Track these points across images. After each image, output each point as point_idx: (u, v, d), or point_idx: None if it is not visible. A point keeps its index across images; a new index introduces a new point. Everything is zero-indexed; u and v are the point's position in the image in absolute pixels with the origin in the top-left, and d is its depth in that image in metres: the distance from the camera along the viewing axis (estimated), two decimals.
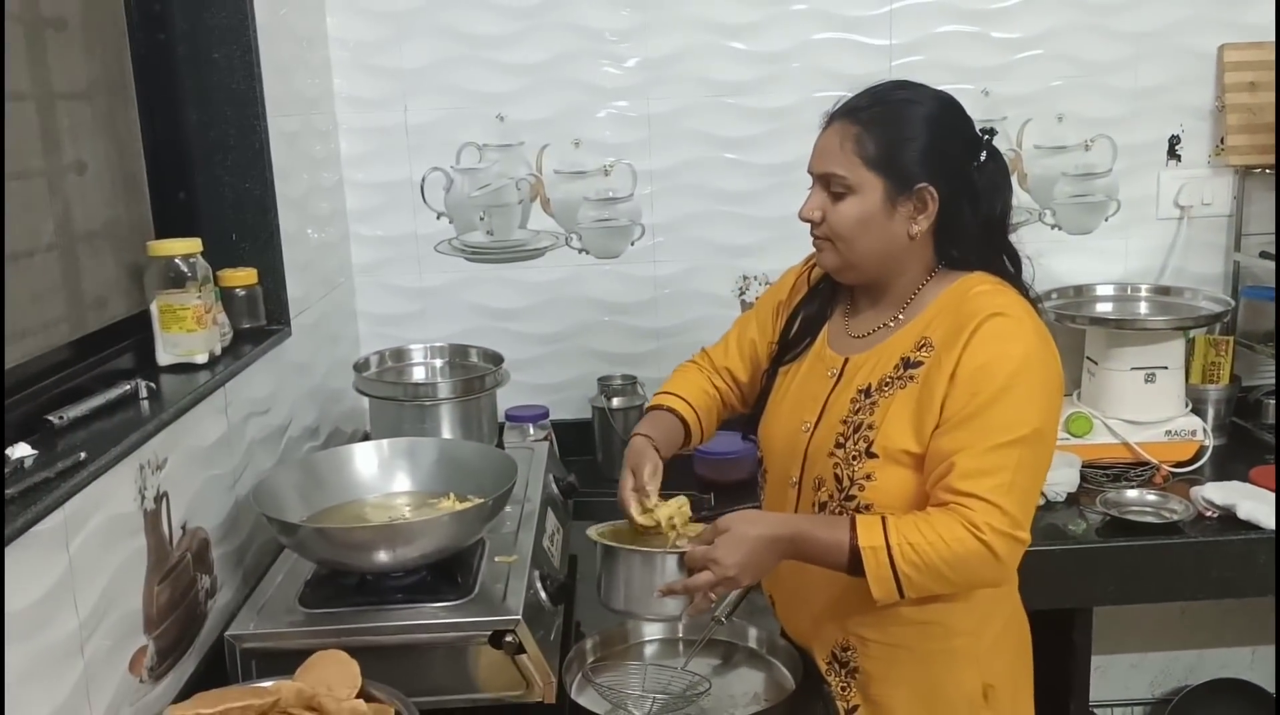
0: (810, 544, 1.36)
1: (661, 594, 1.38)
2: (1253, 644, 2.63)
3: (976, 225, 1.43)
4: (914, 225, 1.41)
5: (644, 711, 1.41)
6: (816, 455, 1.46)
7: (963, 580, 1.35)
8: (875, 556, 1.31)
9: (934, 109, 1.41)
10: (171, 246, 1.57)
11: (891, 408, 1.40)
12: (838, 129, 1.41)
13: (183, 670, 1.42)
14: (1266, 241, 2.45)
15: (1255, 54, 2.39)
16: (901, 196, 1.39)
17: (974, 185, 1.42)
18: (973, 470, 1.31)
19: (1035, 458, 1.35)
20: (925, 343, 1.41)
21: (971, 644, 1.46)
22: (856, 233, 1.40)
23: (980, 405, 1.33)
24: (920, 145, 1.39)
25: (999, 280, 1.43)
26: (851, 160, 1.39)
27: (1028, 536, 1.34)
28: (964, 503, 1.30)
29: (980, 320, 1.36)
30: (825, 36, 2.39)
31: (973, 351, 1.35)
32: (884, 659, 1.47)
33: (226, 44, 1.80)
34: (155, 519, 1.36)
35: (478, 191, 2.43)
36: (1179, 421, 2.25)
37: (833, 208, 1.41)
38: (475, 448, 1.75)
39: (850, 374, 1.47)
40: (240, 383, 1.68)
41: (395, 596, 1.44)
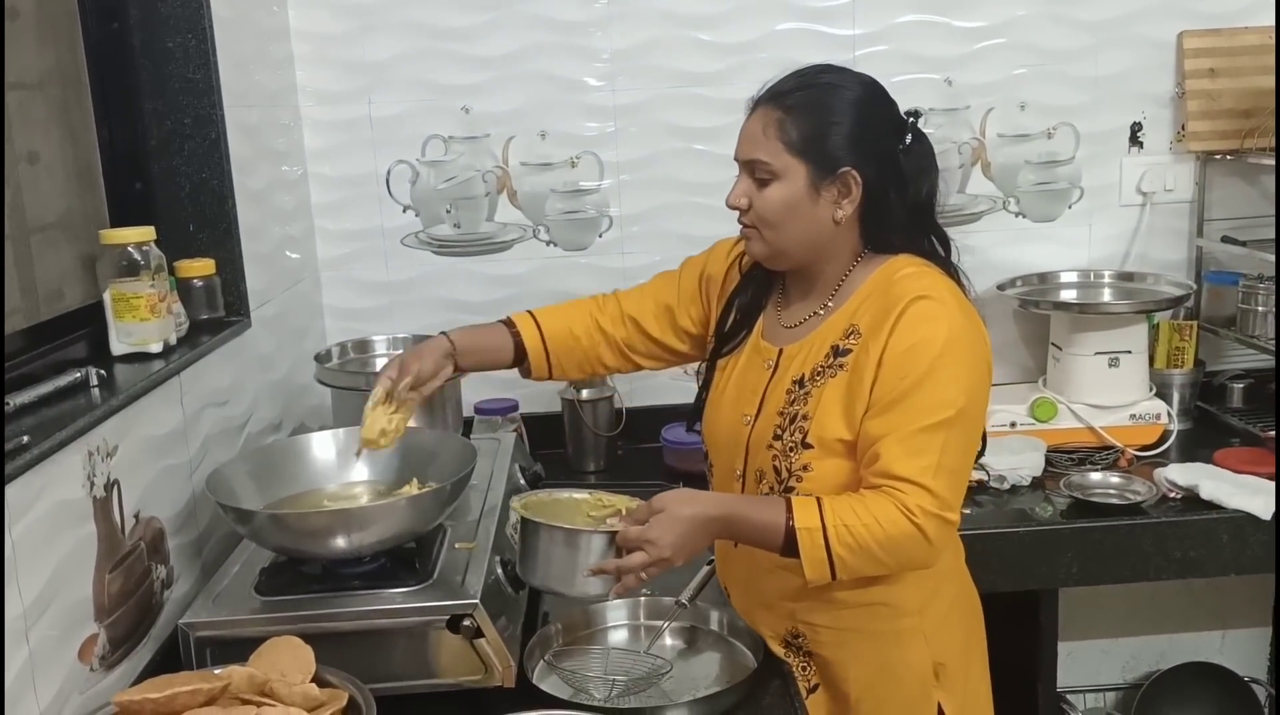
0: (745, 524, 1.35)
1: (591, 572, 1.34)
2: (1223, 628, 2.65)
3: (903, 209, 1.42)
4: (839, 210, 1.40)
5: (605, 695, 1.40)
6: (757, 447, 1.46)
7: (894, 562, 1.35)
8: (810, 537, 1.30)
9: (858, 93, 1.40)
10: (124, 234, 1.56)
11: (824, 397, 1.40)
12: (761, 115, 1.40)
13: (138, 659, 1.41)
14: (1228, 227, 2.47)
15: (1214, 41, 2.41)
16: (825, 181, 1.38)
17: (899, 169, 1.41)
18: (900, 453, 1.31)
19: (962, 437, 1.35)
20: (853, 330, 1.40)
21: (918, 623, 1.46)
22: (782, 218, 1.40)
23: (906, 389, 1.33)
24: (844, 130, 1.38)
25: (924, 262, 1.43)
26: (774, 146, 1.38)
27: (957, 517, 1.34)
28: (895, 486, 1.31)
29: (905, 304, 1.35)
30: (789, 27, 2.40)
31: (898, 336, 1.35)
32: (835, 643, 1.47)
33: (181, 33, 1.79)
34: (105, 506, 1.35)
35: (444, 184, 2.43)
36: (1143, 405, 2.26)
37: (758, 194, 1.40)
38: (434, 435, 1.74)
39: (785, 365, 1.47)
40: (197, 373, 1.66)
41: (352, 583, 1.43)
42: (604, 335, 1.65)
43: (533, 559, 1.39)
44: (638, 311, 1.65)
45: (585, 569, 1.35)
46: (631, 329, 1.65)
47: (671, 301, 1.64)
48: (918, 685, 1.47)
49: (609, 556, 1.35)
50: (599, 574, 1.35)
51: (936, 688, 1.47)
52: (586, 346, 1.65)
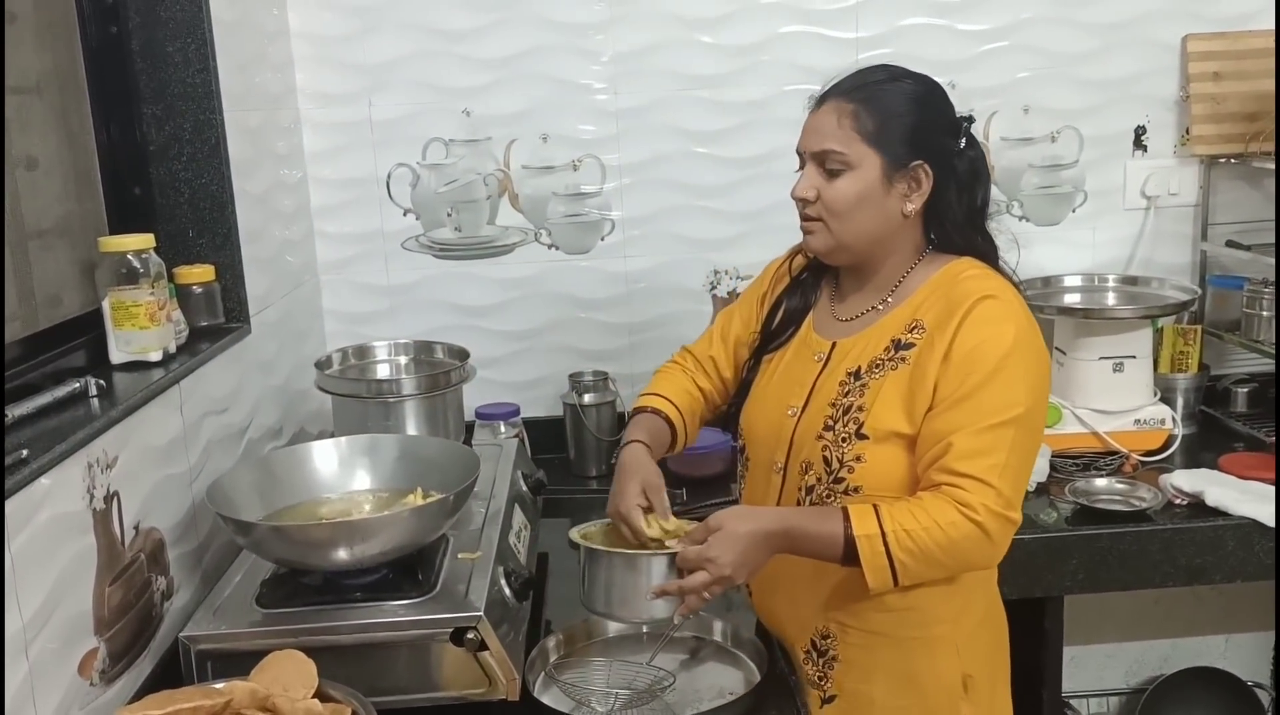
0: (804, 537, 1.35)
1: (655, 595, 1.36)
2: (1226, 632, 2.64)
3: (962, 209, 1.44)
4: (908, 203, 1.41)
5: (607, 708, 1.39)
6: (804, 439, 1.46)
7: (956, 564, 1.35)
8: (871, 545, 1.30)
9: (921, 89, 1.43)
10: (123, 242, 1.54)
11: (883, 389, 1.40)
12: (833, 107, 1.41)
13: (137, 673, 1.40)
14: (1232, 231, 2.46)
15: (1219, 44, 2.39)
16: (898, 173, 1.40)
17: (957, 169, 1.43)
18: (968, 451, 1.31)
19: (1027, 438, 1.36)
20: (917, 325, 1.41)
21: (951, 631, 1.45)
22: (853, 210, 1.40)
23: (974, 386, 1.33)
24: (911, 122, 1.40)
25: (986, 266, 1.45)
26: (850, 136, 1.39)
27: (1019, 517, 1.34)
28: (958, 483, 1.31)
29: (973, 302, 1.36)
30: (793, 29, 2.38)
31: (966, 333, 1.35)
32: (863, 646, 1.46)
33: (181, 38, 1.77)
34: (105, 518, 1.34)
35: (445, 187, 2.41)
36: (1147, 410, 2.25)
37: (828, 185, 1.41)
38: (438, 443, 1.73)
39: (838, 358, 1.47)
40: (197, 381, 1.65)
41: (354, 595, 1.42)
42: (700, 391, 1.67)
43: (595, 586, 1.40)
44: (714, 353, 1.67)
45: (649, 592, 1.36)
46: (713, 372, 1.67)
47: (739, 330, 1.65)
48: (944, 697, 1.46)
49: (670, 578, 1.35)
50: (662, 596, 1.36)
51: (964, 700, 1.46)
52: (701, 404, 1.67)
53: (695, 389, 1.67)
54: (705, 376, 1.67)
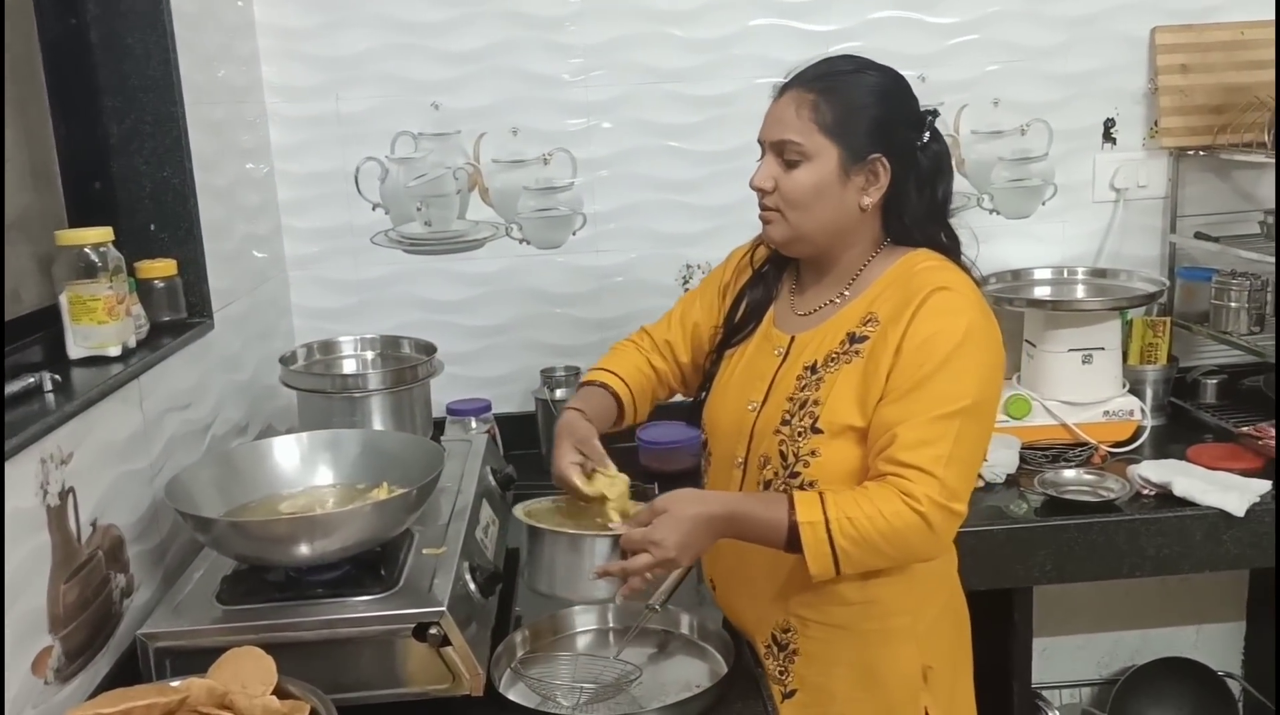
0: (748, 522, 1.35)
1: (597, 575, 1.36)
2: (1197, 623, 2.65)
3: (923, 204, 1.44)
4: (865, 197, 1.41)
5: (573, 703, 1.38)
6: (762, 433, 1.46)
7: (899, 554, 1.35)
8: (814, 532, 1.30)
9: (885, 82, 1.43)
10: (81, 235, 1.52)
11: (837, 383, 1.40)
12: (793, 97, 1.41)
13: (95, 671, 1.38)
14: (1200, 222, 2.48)
15: (1186, 37, 2.40)
16: (855, 166, 1.39)
17: (919, 162, 1.43)
18: (914, 441, 1.31)
19: (975, 429, 1.36)
20: (871, 318, 1.41)
21: (910, 623, 1.45)
22: (809, 201, 1.40)
23: (922, 377, 1.33)
24: (872, 114, 1.39)
25: (943, 257, 1.44)
26: (808, 127, 1.38)
27: (964, 509, 1.34)
28: (902, 473, 1.31)
29: (926, 294, 1.36)
30: (763, 23, 2.38)
31: (919, 324, 1.35)
32: (823, 639, 1.46)
33: (140, 29, 1.75)
34: (60, 515, 1.32)
35: (414, 181, 2.40)
36: (1116, 402, 2.26)
37: (786, 176, 1.41)
38: (401, 438, 1.71)
39: (797, 352, 1.47)
40: (157, 376, 1.63)
41: (316, 591, 1.40)
42: (654, 369, 1.66)
43: (538, 565, 1.40)
44: (670, 338, 1.66)
45: (591, 572, 1.35)
46: (669, 356, 1.66)
47: (699, 317, 1.65)
48: (904, 689, 1.46)
49: (614, 559, 1.35)
50: (604, 576, 1.35)
51: (924, 691, 1.46)
52: (653, 383, 1.66)
53: (649, 368, 1.66)
54: (661, 358, 1.67)
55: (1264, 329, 2.28)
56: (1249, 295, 2.27)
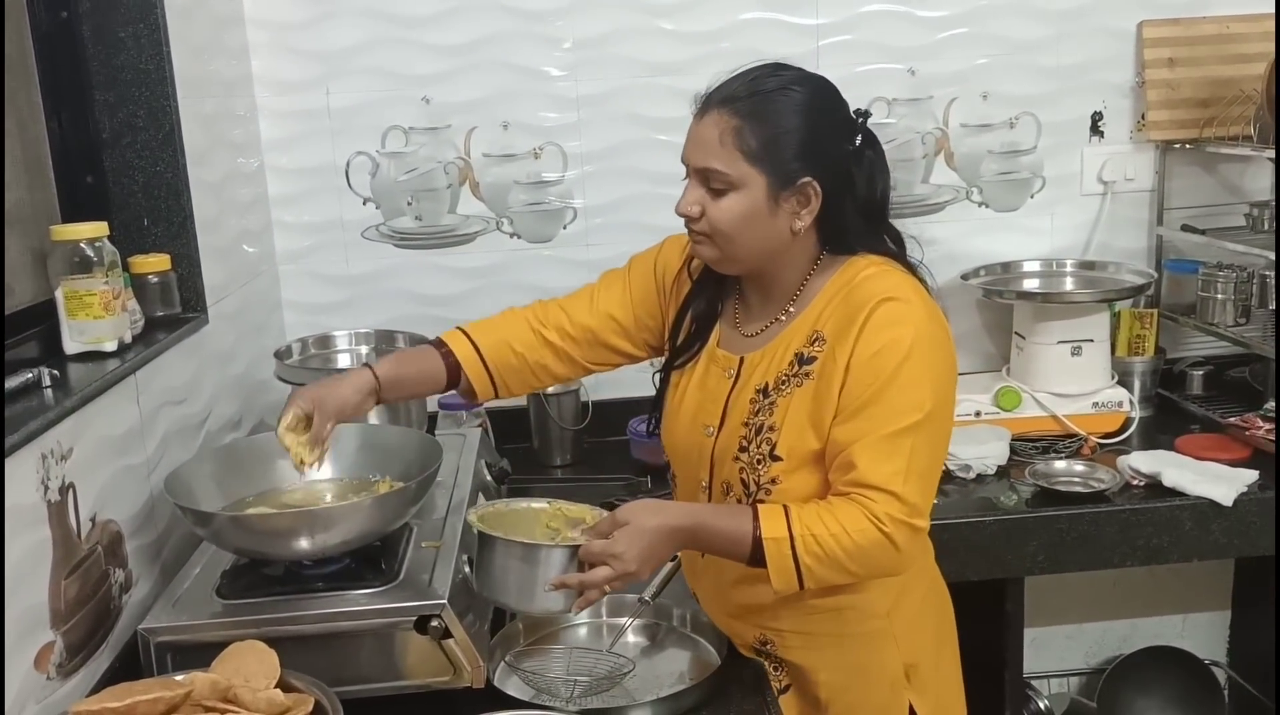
0: (711, 534, 1.32)
1: (553, 587, 1.30)
2: (1184, 612, 2.69)
3: (857, 212, 1.38)
4: (797, 220, 1.35)
5: (567, 695, 1.39)
6: (722, 459, 1.44)
7: (863, 571, 1.33)
8: (778, 547, 1.28)
9: (809, 96, 1.34)
10: (76, 230, 1.52)
11: (791, 407, 1.37)
12: (715, 120, 1.33)
13: (96, 666, 1.38)
14: (1187, 215, 2.50)
15: (1173, 30, 2.42)
16: (785, 192, 1.33)
17: (852, 173, 1.37)
18: (869, 460, 1.28)
19: (931, 440, 1.33)
20: (818, 337, 1.37)
21: (887, 625, 1.45)
22: (738, 229, 1.34)
23: (873, 394, 1.30)
24: (800, 137, 1.32)
25: (884, 260, 1.39)
26: (732, 155, 1.31)
27: (926, 524, 1.32)
28: (864, 494, 1.28)
29: (871, 308, 1.32)
30: (753, 16, 2.38)
31: (865, 340, 1.31)
32: (804, 647, 1.46)
33: (132, 22, 1.74)
34: (61, 510, 1.31)
35: (405, 176, 2.39)
36: (1105, 393, 2.28)
37: (713, 203, 1.34)
38: (399, 432, 1.71)
39: (747, 373, 1.43)
40: (153, 371, 1.63)
41: (316, 585, 1.41)
42: (549, 346, 1.56)
43: (489, 573, 1.34)
44: (589, 319, 1.57)
45: (546, 583, 1.30)
46: (583, 337, 1.57)
47: (624, 306, 1.57)
48: (888, 688, 1.46)
49: (571, 570, 1.31)
50: (560, 588, 1.30)
51: (908, 689, 1.47)
52: (532, 361, 1.56)
53: (537, 344, 1.56)
54: (565, 337, 1.56)
55: (1249, 321, 2.31)
56: (1235, 287, 2.29)
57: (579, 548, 1.30)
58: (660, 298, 1.58)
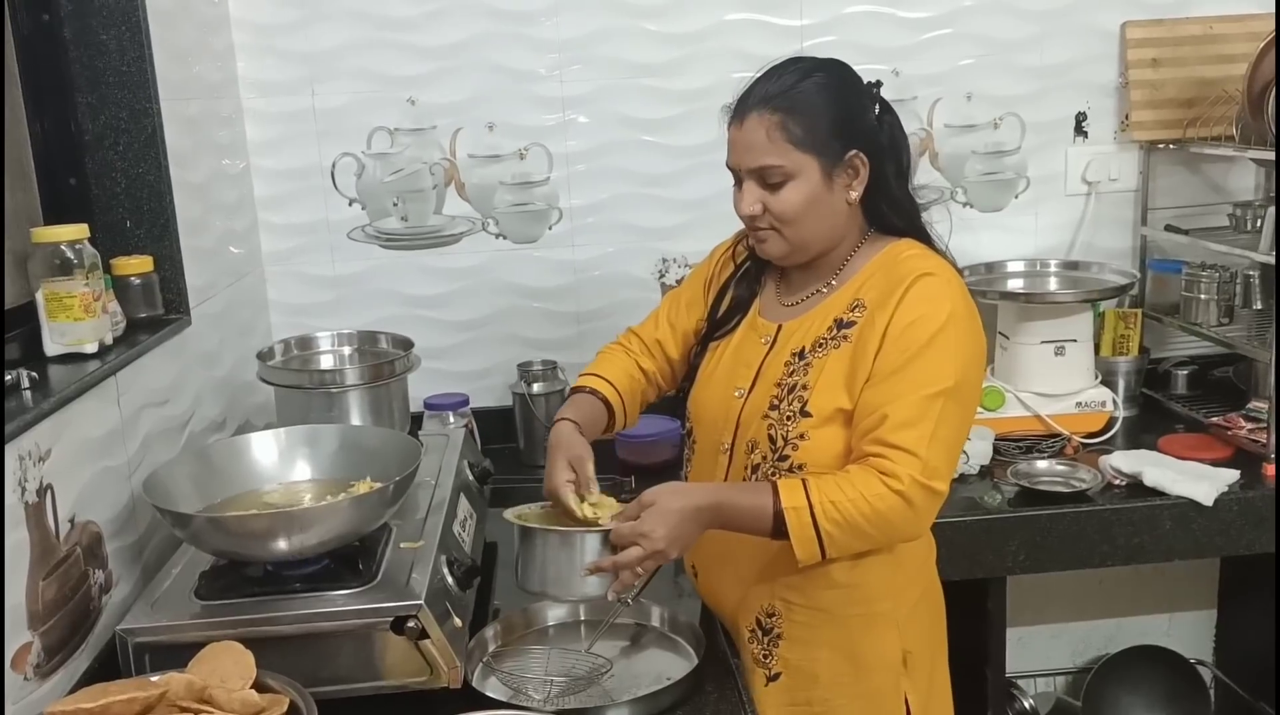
0: (734, 511, 1.38)
1: (589, 572, 1.37)
2: (1169, 611, 2.70)
3: (900, 183, 1.47)
4: (851, 192, 1.44)
5: (544, 695, 1.39)
6: (750, 419, 1.48)
7: (882, 535, 1.38)
8: (798, 517, 1.33)
9: (832, 78, 1.45)
10: (56, 233, 1.52)
11: (826, 367, 1.43)
12: (757, 121, 1.41)
13: (74, 667, 1.38)
14: (1171, 215, 2.51)
15: (1157, 31, 2.43)
16: (836, 169, 1.42)
17: (880, 138, 1.45)
18: (897, 422, 1.34)
19: (957, 411, 1.39)
20: (858, 304, 1.44)
21: (892, 609, 1.48)
22: (803, 214, 1.43)
23: (907, 360, 1.37)
24: (834, 116, 1.42)
25: (925, 247, 1.48)
26: (783, 148, 1.40)
27: (945, 488, 1.36)
28: (885, 454, 1.33)
29: (912, 280, 1.40)
30: (738, 17, 2.39)
31: (905, 309, 1.39)
32: (807, 623, 1.48)
33: (115, 25, 1.74)
34: (39, 512, 1.32)
35: (390, 177, 2.40)
36: (1089, 393, 2.29)
37: (773, 197, 1.42)
38: (378, 433, 1.72)
39: (784, 339, 1.50)
40: (135, 372, 1.63)
41: (294, 586, 1.41)
42: (643, 372, 1.68)
43: (530, 566, 1.41)
44: (660, 337, 1.68)
45: (582, 569, 1.37)
46: (660, 356, 1.68)
47: (682, 317, 1.67)
48: (885, 674, 1.48)
49: (604, 555, 1.37)
50: (596, 572, 1.37)
51: (904, 676, 1.49)
52: (643, 386, 1.68)
53: (637, 371, 1.68)
54: (650, 358, 1.69)
55: (1233, 321, 2.32)
56: (1218, 287, 2.30)
57: (610, 532, 1.36)
58: (706, 298, 1.66)
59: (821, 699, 1.49)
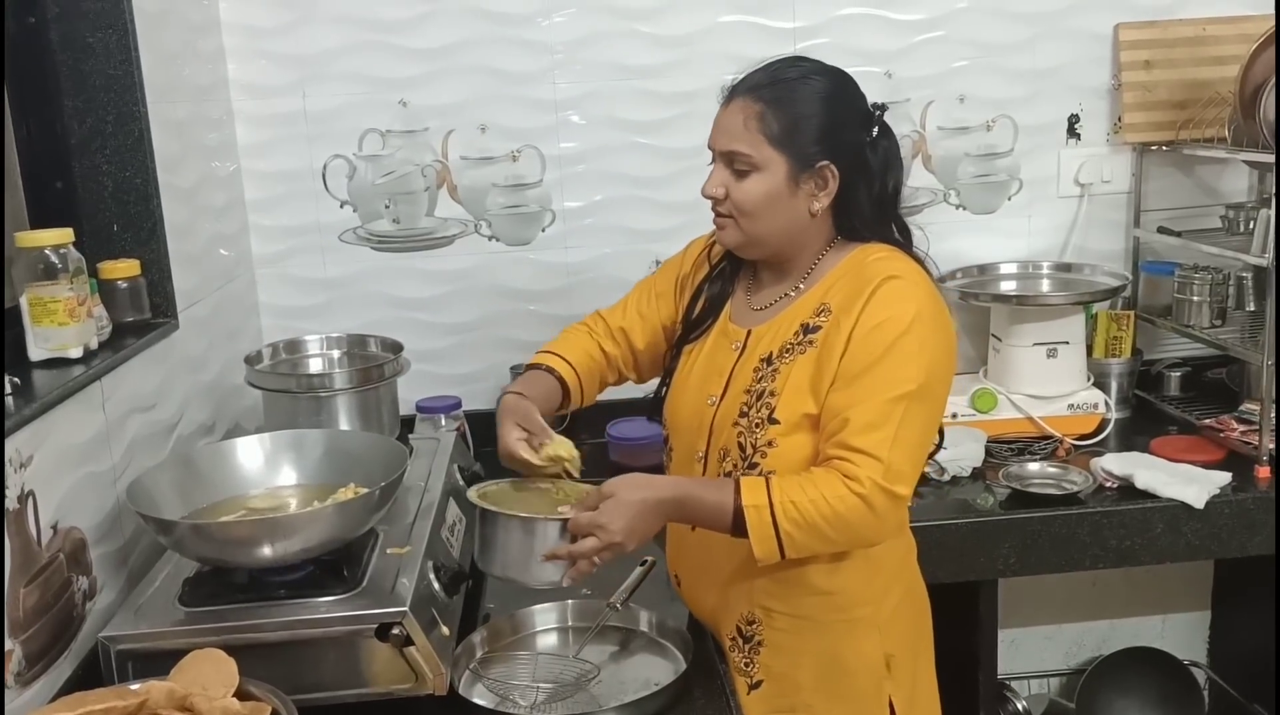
0: (695, 505, 1.38)
1: (545, 559, 1.37)
2: (1163, 613, 2.69)
3: (870, 201, 1.45)
4: (815, 203, 1.43)
5: (530, 702, 1.39)
6: (722, 427, 1.48)
7: (842, 539, 1.37)
8: (758, 515, 1.32)
9: (830, 86, 1.43)
10: (40, 237, 1.51)
11: (792, 373, 1.42)
12: (740, 106, 1.41)
13: (57, 675, 1.38)
14: (1163, 217, 2.50)
15: (1150, 33, 2.42)
16: (804, 174, 1.41)
17: (868, 162, 1.44)
18: (860, 425, 1.33)
19: (922, 413, 1.37)
20: (824, 308, 1.43)
21: (873, 613, 1.47)
22: (760, 210, 1.42)
23: (871, 362, 1.36)
24: (819, 123, 1.40)
25: (894, 249, 1.46)
26: (755, 138, 1.39)
27: (907, 492, 1.35)
28: (848, 457, 1.32)
29: (878, 283, 1.39)
30: (730, 20, 2.39)
31: (870, 312, 1.38)
32: (788, 630, 1.48)
33: (101, 28, 1.74)
34: (20, 518, 1.31)
35: (382, 179, 2.39)
36: (1081, 395, 2.29)
37: (736, 185, 1.42)
38: (364, 437, 1.72)
39: (753, 345, 1.49)
40: (120, 377, 1.62)
41: (279, 593, 1.40)
42: (604, 354, 1.66)
43: (490, 548, 1.40)
44: (626, 324, 1.66)
45: (539, 555, 1.36)
46: (623, 342, 1.66)
47: (652, 308, 1.65)
48: (868, 678, 1.48)
49: (563, 543, 1.36)
50: (552, 559, 1.36)
51: (888, 679, 1.48)
52: (597, 370, 1.66)
53: (599, 352, 1.66)
54: (613, 343, 1.67)
55: (1226, 322, 2.31)
56: (1211, 289, 2.29)
57: (569, 520, 1.35)
58: (678, 294, 1.64)
59: (805, 705, 1.48)
